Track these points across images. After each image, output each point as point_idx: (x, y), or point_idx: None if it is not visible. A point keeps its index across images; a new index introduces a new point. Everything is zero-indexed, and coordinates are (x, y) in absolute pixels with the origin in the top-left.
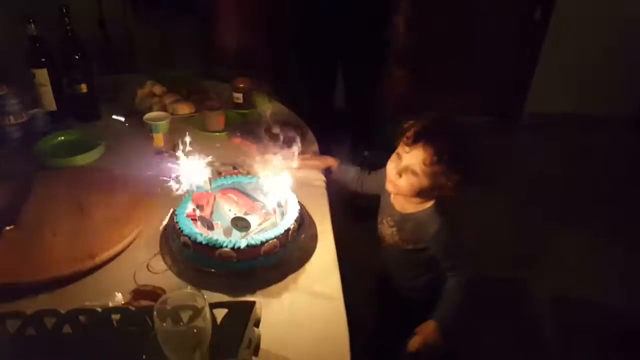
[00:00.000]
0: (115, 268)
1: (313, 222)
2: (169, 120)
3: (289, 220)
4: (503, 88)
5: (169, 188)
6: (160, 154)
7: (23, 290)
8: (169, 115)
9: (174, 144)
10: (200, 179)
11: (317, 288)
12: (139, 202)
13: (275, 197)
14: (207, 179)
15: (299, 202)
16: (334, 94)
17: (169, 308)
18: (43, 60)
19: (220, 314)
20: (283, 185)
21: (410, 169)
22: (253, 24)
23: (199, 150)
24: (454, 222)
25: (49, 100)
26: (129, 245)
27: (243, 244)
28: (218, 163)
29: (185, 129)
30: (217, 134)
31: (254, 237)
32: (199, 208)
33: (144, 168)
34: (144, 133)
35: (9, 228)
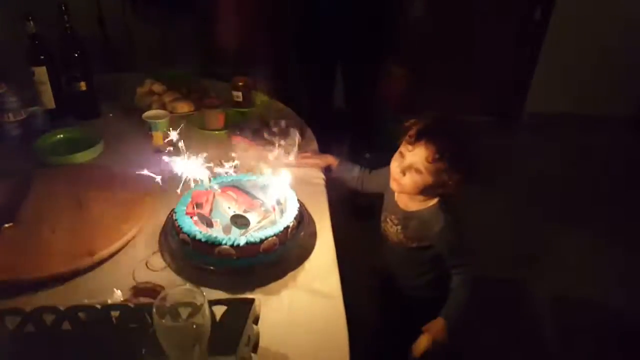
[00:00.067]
0: (115, 265)
1: (312, 220)
2: (168, 119)
3: (288, 218)
4: (503, 88)
5: (168, 186)
6: (160, 152)
7: (22, 287)
8: (168, 114)
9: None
10: (200, 177)
11: (316, 286)
12: (138, 199)
13: (275, 194)
14: (206, 177)
15: (298, 199)
16: (334, 94)
17: (168, 305)
18: (42, 58)
19: (220, 311)
20: (282, 183)
21: (414, 167)
22: (253, 24)
23: (198, 148)
24: (458, 220)
25: (48, 98)
26: (128, 243)
27: (242, 242)
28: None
29: (183, 127)
30: (216, 132)
31: (253, 234)
32: (198, 206)
33: (143, 166)
34: (143, 131)
35: (8, 225)
